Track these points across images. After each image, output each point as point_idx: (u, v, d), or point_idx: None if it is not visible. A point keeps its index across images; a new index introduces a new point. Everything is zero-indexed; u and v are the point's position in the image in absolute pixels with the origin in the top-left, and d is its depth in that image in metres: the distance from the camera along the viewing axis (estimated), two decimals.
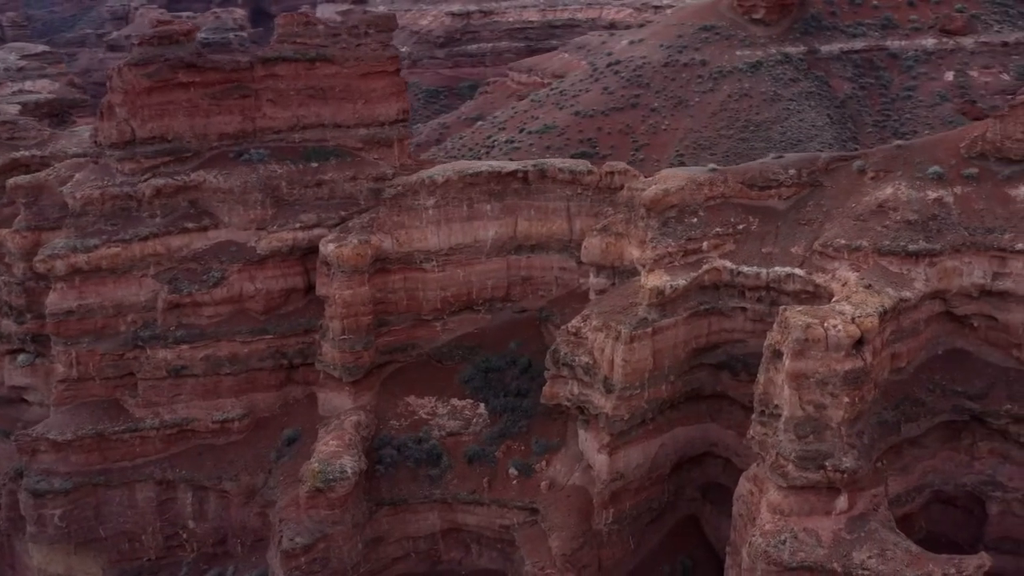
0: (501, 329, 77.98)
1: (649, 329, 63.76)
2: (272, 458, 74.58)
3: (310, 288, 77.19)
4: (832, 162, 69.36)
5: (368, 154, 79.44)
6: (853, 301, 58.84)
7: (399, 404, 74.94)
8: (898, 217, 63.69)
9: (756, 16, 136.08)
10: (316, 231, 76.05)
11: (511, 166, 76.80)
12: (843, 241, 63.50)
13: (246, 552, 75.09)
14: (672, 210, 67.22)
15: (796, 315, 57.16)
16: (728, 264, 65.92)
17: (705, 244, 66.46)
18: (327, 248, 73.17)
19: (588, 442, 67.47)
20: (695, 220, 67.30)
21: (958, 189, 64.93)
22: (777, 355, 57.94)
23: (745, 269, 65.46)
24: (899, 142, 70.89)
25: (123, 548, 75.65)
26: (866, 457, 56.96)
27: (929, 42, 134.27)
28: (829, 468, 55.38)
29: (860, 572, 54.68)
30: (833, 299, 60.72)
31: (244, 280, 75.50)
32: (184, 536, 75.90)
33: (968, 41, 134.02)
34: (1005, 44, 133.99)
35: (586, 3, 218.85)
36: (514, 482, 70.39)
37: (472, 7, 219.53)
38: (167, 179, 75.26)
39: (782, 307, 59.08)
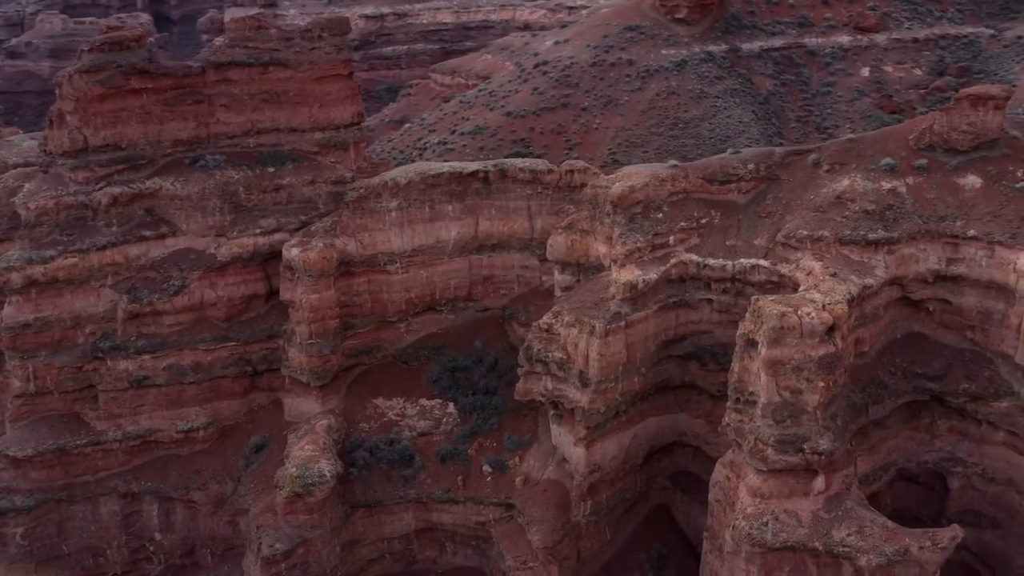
0: (465, 328, 78.67)
1: (623, 323, 65.12)
2: (240, 466, 74.11)
3: (271, 294, 76.91)
4: (787, 156, 71.76)
5: (324, 158, 79.42)
6: (822, 289, 61.07)
7: (367, 406, 75.06)
8: (856, 207, 66.22)
9: (679, 16, 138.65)
10: (277, 236, 75.78)
11: (472, 166, 77.54)
12: (805, 232, 65.78)
13: (216, 562, 74.49)
14: (638, 206, 68.75)
15: (770, 304, 59.05)
16: (694, 257, 67.69)
17: (671, 239, 68.18)
18: (291, 253, 72.92)
19: (563, 436, 68.52)
20: (660, 215, 68.95)
21: (910, 179, 67.81)
22: (751, 344, 59.74)
23: (711, 262, 67.32)
24: (851, 135, 73.86)
25: (87, 564, 74.37)
26: (841, 439, 59.20)
27: (844, 39, 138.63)
28: (807, 451, 57.37)
29: (841, 549, 56.95)
30: (800, 288, 62.87)
31: (205, 287, 74.81)
32: (151, 548, 74.89)
33: (881, 38, 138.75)
34: (916, 40, 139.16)
35: (499, 4, 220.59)
36: (488, 479, 71.15)
37: (386, 9, 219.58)
38: (123, 187, 74.17)
39: (754, 297, 60.85)
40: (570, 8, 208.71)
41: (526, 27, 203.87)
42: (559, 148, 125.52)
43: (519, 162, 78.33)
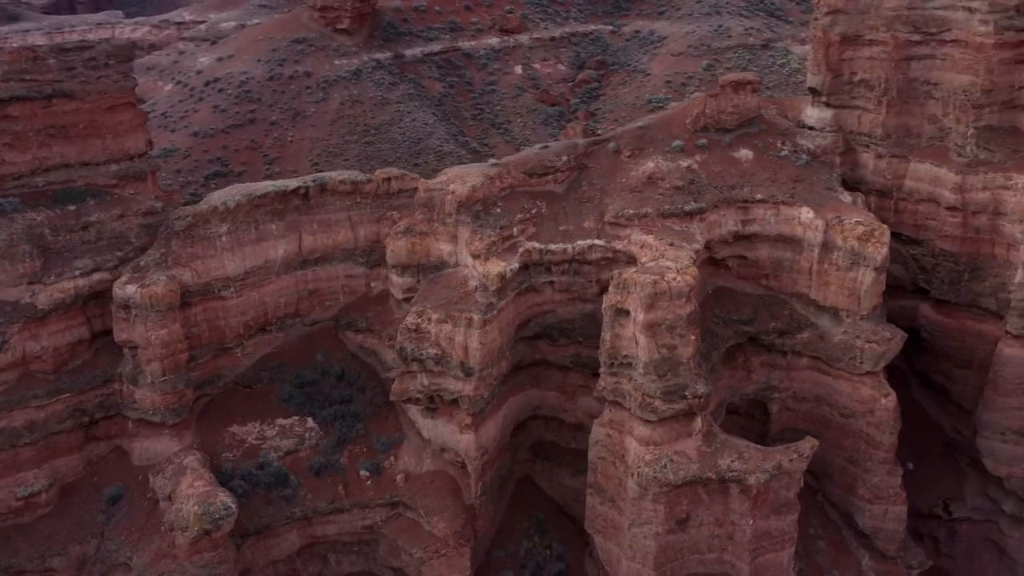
0: (299, 344, 79.12)
1: (495, 312, 70.08)
2: (100, 521, 69.88)
3: (94, 337, 72.86)
4: (589, 146, 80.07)
5: (123, 190, 76.01)
6: (668, 257, 70.17)
7: (224, 436, 73.61)
8: (667, 185, 75.96)
9: (341, 26, 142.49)
10: (96, 276, 71.92)
11: (293, 184, 78.05)
12: (631, 211, 74.46)
13: None
14: (478, 204, 73.77)
15: (638, 275, 67.04)
16: (536, 245, 73.98)
17: (515, 230, 73.91)
18: (127, 290, 69.66)
19: (440, 427, 72.02)
20: (498, 210, 74.45)
21: (698, 157, 78.73)
22: (621, 312, 67.51)
23: (553, 247, 74.00)
24: (640, 123, 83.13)
25: None
26: (709, 382, 68.71)
27: (494, 41, 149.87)
28: (689, 396, 66.15)
29: (730, 474, 66.55)
30: (640, 260, 71.52)
31: (27, 340, 69.40)
32: None
33: (524, 38, 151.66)
34: (553, 39, 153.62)
35: (95, 24, 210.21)
36: (368, 483, 73.00)
37: None
38: None
39: (617, 271, 68.56)
40: (179, 24, 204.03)
41: (134, 45, 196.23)
42: (258, 164, 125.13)
43: (337, 175, 79.88)
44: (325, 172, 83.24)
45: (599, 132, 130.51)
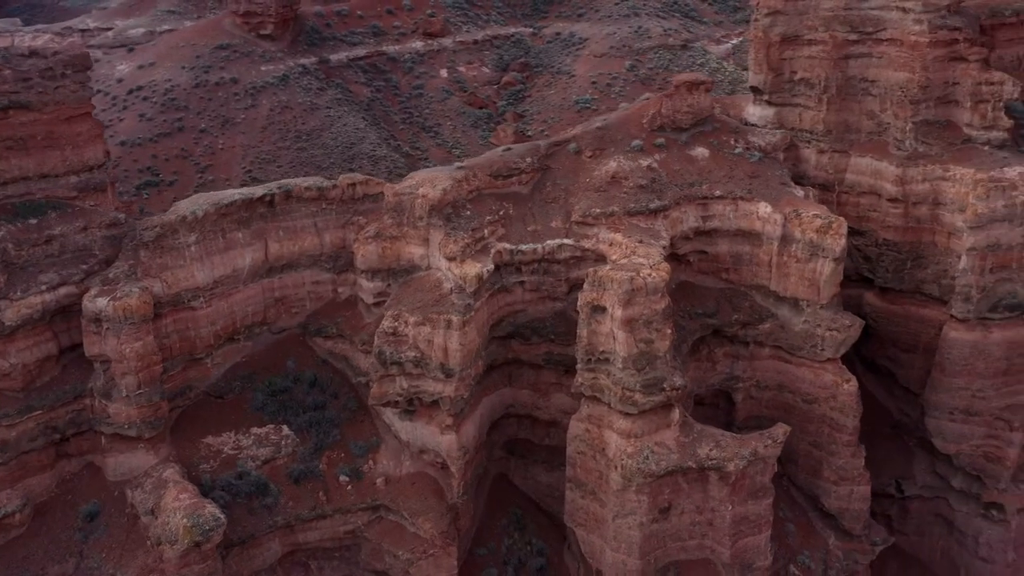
0: (268, 352, 78.62)
1: (473, 312, 70.93)
2: (78, 539, 68.57)
3: (62, 353, 71.49)
4: (550, 148, 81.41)
5: (84, 202, 74.56)
6: (639, 254, 72.02)
7: (200, 447, 72.83)
8: (631, 184, 77.78)
9: (264, 32, 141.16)
10: (63, 291, 70.50)
11: (259, 191, 77.59)
12: (598, 209, 76.10)
13: None
14: (448, 207, 74.51)
15: (613, 273, 68.75)
16: (507, 245, 75.09)
17: (485, 232, 74.84)
18: (98, 303, 68.44)
19: (419, 429, 72.53)
20: (468, 213, 75.29)
21: (657, 156, 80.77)
22: (598, 310, 69.17)
23: (523, 247, 75.22)
24: (598, 124, 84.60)
25: None
26: (685, 374, 70.76)
27: (418, 45, 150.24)
28: (667, 388, 68.11)
29: (709, 463, 68.70)
30: (611, 257, 73.24)
31: None
32: None
33: (448, 42, 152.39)
34: (476, 42, 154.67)
35: None
36: (348, 488, 73.10)
37: None
38: None
39: (592, 269, 70.16)
40: (83, 31, 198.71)
41: (32, 54, 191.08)
42: (190, 173, 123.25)
43: (302, 181, 79.75)
44: (291, 180, 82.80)
45: (529, 134, 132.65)
